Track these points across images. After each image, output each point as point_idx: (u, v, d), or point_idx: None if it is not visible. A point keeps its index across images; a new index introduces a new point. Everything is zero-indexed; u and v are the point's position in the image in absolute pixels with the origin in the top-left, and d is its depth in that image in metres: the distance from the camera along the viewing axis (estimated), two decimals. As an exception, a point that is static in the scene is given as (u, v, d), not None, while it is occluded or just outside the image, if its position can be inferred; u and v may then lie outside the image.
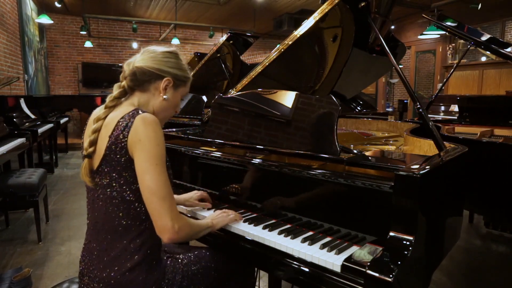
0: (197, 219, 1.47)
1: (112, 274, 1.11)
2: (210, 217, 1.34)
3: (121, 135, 1.08)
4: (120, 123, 1.10)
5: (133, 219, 1.14)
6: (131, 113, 1.11)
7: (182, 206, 1.54)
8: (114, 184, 1.11)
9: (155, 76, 1.21)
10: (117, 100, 1.19)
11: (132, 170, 1.10)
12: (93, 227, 1.18)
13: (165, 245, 1.37)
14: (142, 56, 1.22)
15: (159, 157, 1.09)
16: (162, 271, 1.19)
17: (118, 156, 1.09)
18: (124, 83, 1.21)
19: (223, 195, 1.57)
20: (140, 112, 1.12)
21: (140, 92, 1.22)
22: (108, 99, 1.19)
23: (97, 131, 1.13)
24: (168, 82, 1.23)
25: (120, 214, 1.13)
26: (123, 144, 1.08)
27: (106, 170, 1.11)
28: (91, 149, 1.13)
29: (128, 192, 1.12)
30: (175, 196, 1.53)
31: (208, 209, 1.53)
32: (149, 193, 1.08)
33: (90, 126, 1.17)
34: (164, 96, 1.23)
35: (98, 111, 1.19)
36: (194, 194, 1.55)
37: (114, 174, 1.11)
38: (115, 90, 1.21)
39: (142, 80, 1.20)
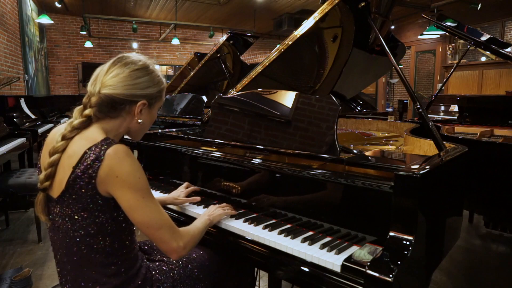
0: (187, 215, 1.51)
1: None
2: (207, 213, 1.35)
3: (90, 169, 0.98)
4: (88, 155, 0.99)
5: (98, 253, 1.05)
6: (99, 145, 1.01)
7: (171, 206, 1.57)
8: (76, 217, 1.02)
9: (128, 103, 1.09)
10: (77, 130, 1.06)
11: (98, 205, 1.02)
12: (59, 257, 1.10)
13: (150, 245, 1.37)
14: (109, 78, 1.07)
15: (144, 189, 1.03)
16: (147, 278, 1.16)
17: (83, 190, 1.00)
18: (88, 111, 1.07)
19: (223, 195, 1.57)
20: (109, 143, 1.01)
21: (110, 118, 1.10)
22: (67, 129, 1.05)
23: (53, 165, 1.03)
24: (143, 105, 1.12)
25: (83, 247, 1.04)
26: (91, 179, 0.99)
27: (69, 201, 1.01)
28: (47, 183, 1.03)
29: (92, 226, 1.03)
30: (164, 196, 1.56)
31: (198, 204, 1.56)
32: (145, 227, 1.05)
33: (46, 158, 1.05)
34: (139, 120, 1.13)
35: (55, 137, 1.07)
36: (181, 192, 1.57)
37: (77, 207, 1.01)
38: (76, 117, 1.08)
39: (113, 109, 1.08)
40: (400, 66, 1.64)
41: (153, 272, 1.19)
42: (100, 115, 1.08)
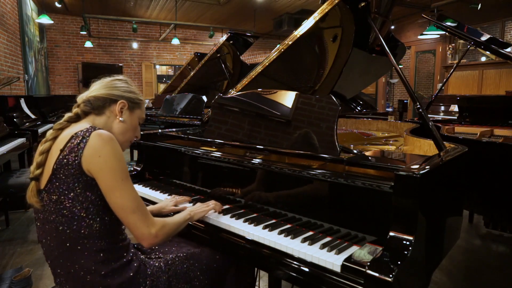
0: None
1: None
2: (188, 209, 1.37)
3: (76, 149, 1.07)
4: (74, 138, 1.09)
5: (87, 237, 1.09)
6: (85, 129, 1.11)
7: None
8: (63, 200, 1.08)
9: (109, 101, 1.24)
10: (66, 123, 1.19)
11: (83, 184, 1.08)
12: (49, 253, 1.13)
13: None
14: (93, 88, 1.26)
15: (123, 172, 1.10)
16: (141, 271, 1.17)
17: (70, 171, 1.07)
18: (76, 110, 1.22)
19: (223, 195, 1.57)
20: (96, 128, 1.12)
21: (95, 115, 1.23)
22: (57, 123, 1.20)
23: (44, 152, 1.12)
24: (123, 105, 1.25)
25: (72, 233, 1.08)
26: (76, 159, 1.07)
27: (55, 185, 1.08)
28: (38, 171, 1.11)
29: (79, 207, 1.08)
30: (149, 207, 1.53)
31: (189, 202, 1.57)
32: (119, 209, 1.09)
33: (38, 149, 1.16)
34: (120, 118, 1.25)
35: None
36: (169, 202, 1.56)
37: (63, 188, 1.08)
38: (66, 116, 1.22)
39: (97, 105, 1.22)
40: (400, 66, 1.64)
41: (147, 266, 1.21)
42: (86, 110, 1.21)
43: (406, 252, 0.98)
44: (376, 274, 0.93)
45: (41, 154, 1.12)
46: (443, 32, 5.92)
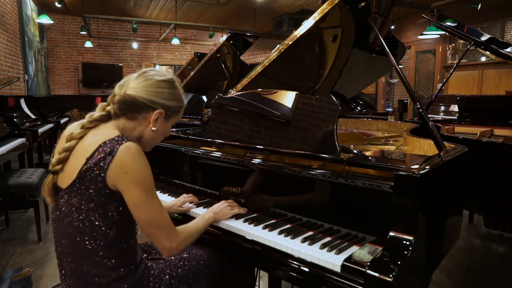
0: (189, 216, 1.50)
1: None
2: (212, 210, 1.35)
3: (102, 162, 1.03)
4: (101, 148, 1.04)
5: (100, 244, 1.08)
6: (114, 140, 1.06)
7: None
8: (82, 207, 1.06)
9: (146, 108, 1.15)
10: (97, 122, 1.13)
11: (105, 197, 1.06)
12: (60, 248, 1.13)
13: (151, 246, 1.38)
14: (136, 83, 1.14)
15: (149, 188, 1.07)
16: (145, 274, 1.17)
17: (93, 182, 1.04)
18: (110, 107, 1.14)
19: (223, 195, 1.57)
20: (124, 140, 1.06)
21: (127, 119, 1.15)
22: (87, 119, 1.13)
23: (68, 150, 1.09)
24: (160, 114, 1.17)
25: (86, 238, 1.07)
26: (102, 172, 1.03)
27: (77, 191, 1.06)
28: (58, 167, 1.09)
29: (97, 216, 1.06)
30: None
31: (198, 206, 1.55)
32: (144, 224, 1.09)
33: (62, 142, 1.12)
34: (153, 128, 1.17)
35: (73, 128, 1.14)
36: (177, 201, 1.56)
37: (85, 198, 1.05)
38: (98, 111, 1.15)
39: (132, 110, 1.14)
40: (400, 66, 1.64)
41: (151, 268, 1.21)
42: (119, 113, 1.14)
43: (406, 252, 0.98)
44: (376, 274, 0.93)
45: (65, 150, 1.09)
46: (443, 32, 5.92)
